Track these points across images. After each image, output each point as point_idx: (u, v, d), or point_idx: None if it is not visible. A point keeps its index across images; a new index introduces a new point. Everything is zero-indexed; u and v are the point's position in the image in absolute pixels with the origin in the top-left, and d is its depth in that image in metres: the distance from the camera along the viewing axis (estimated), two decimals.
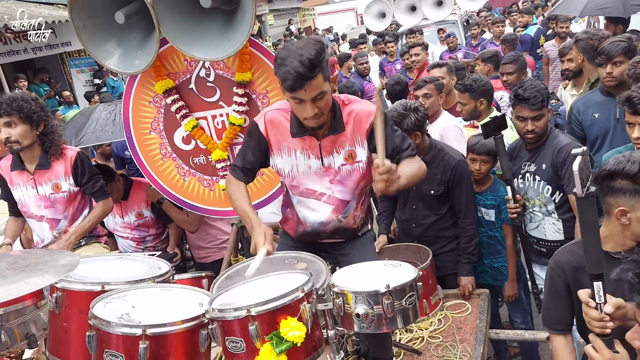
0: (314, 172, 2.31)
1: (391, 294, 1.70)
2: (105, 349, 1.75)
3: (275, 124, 2.29)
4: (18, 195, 3.08)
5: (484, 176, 3.23)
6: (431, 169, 3.07)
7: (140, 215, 3.78)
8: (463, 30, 10.62)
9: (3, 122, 2.84)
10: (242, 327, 1.69)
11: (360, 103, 2.32)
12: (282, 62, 2.00)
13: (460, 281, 3.15)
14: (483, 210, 3.24)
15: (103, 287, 2.00)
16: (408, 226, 3.27)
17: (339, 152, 2.28)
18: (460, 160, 3.07)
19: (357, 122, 2.25)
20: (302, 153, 2.29)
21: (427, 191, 3.09)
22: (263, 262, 2.33)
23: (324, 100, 2.09)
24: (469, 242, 3.10)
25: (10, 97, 2.88)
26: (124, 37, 2.97)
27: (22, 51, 10.39)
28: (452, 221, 3.16)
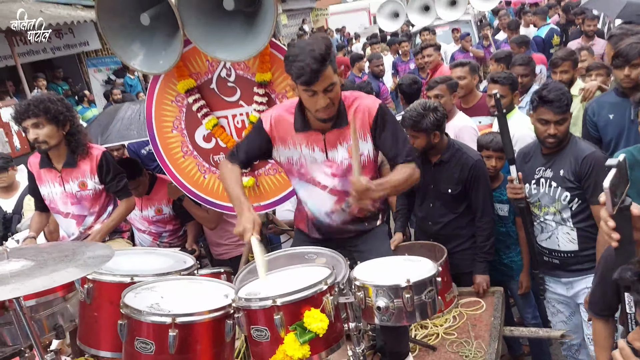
0: (318, 164, 2.41)
1: (411, 288, 1.76)
2: (137, 336, 1.83)
3: (280, 122, 2.41)
4: (46, 191, 3.17)
5: (497, 173, 3.28)
6: (449, 168, 3.13)
7: (159, 211, 3.86)
8: (477, 30, 10.62)
9: (31, 123, 2.93)
10: (267, 316, 1.76)
11: (364, 98, 2.42)
12: (295, 58, 2.14)
13: (475, 279, 3.19)
14: (497, 206, 3.28)
15: (132, 279, 2.10)
16: (425, 224, 3.32)
17: (343, 146, 2.37)
18: (478, 160, 3.12)
19: (361, 116, 2.34)
20: (308, 147, 2.39)
21: (445, 190, 3.14)
22: (284, 257, 2.41)
23: (334, 92, 2.22)
24: (486, 240, 3.14)
25: (37, 99, 2.97)
26: (148, 38, 3.05)
27: (41, 51, 10.59)
28: (469, 220, 3.20)
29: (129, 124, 3.79)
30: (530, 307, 3.44)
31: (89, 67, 12.12)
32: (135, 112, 3.87)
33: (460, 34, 8.99)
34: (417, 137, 3.08)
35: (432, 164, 3.18)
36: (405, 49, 9.05)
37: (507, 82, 3.66)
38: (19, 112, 2.94)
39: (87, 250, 1.94)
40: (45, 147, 3.00)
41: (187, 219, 3.88)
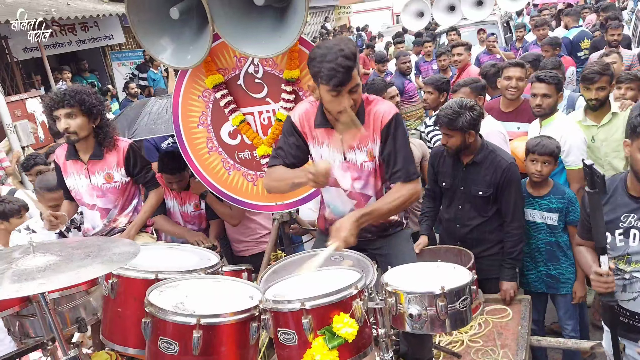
0: (337, 165, 2.38)
1: (446, 296, 1.70)
2: (160, 336, 1.79)
3: (304, 117, 2.39)
4: (71, 183, 3.18)
5: (544, 178, 3.14)
6: (481, 170, 3.05)
7: (197, 206, 3.85)
8: (502, 31, 10.43)
9: (64, 113, 2.93)
10: (295, 319, 1.72)
11: (382, 103, 2.38)
12: (324, 58, 2.10)
13: (502, 285, 3.11)
14: (546, 215, 3.16)
15: (157, 276, 2.06)
16: (452, 226, 3.24)
17: (361, 150, 2.34)
18: (511, 163, 3.03)
19: (375, 120, 2.32)
20: (328, 145, 2.37)
21: (476, 192, 3.06)
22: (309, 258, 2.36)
23: (357, 93, 2.20)
24: (514, 246, 3.06)
25: (73, 90, 2.98)
26: (177, 33, 3.03)
27: (67, 43, 10.71)
28: (497, 224, 3.12)
29: (156, 119, 3.78)
30: (573, 319, 3.32)
31: (112, 61, 12.24)
32: (163, 107, 3.85)
33: (487, 34, 8.84)
34: (452, 136, 3.00)
35: (464, 165, 3.10)
36: (429, 49, 8.94)
37: (554, 81, 3.50)
38: (53, 100, 2.95)
39: (112, 247, 1.92)
40: (75, 138, 3.00)
41: (212, 216, 3.86)
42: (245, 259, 4.00)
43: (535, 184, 3.14)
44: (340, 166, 2.38)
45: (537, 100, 3.52)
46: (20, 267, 1.75)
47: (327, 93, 2.16)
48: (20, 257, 1.81)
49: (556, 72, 3.71)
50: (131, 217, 3.23)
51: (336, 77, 2.07)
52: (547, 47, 6.38)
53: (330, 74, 2.08)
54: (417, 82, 8.34)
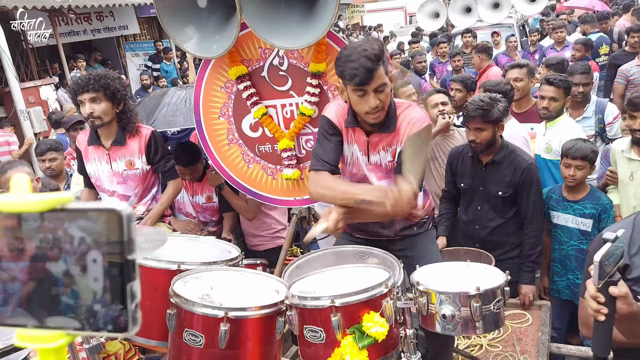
0: (362, 166, 2.37)
1: (481, 296, 1.66)
2: (186, 328, 1.76)
3: (339, 115, 2.37)
4: (92, 169, 3.15)
5: (578, 183, 3.08)
6: (501, 170, 3.01)
7: (209, 198, 3.82)
8: (519, 34, 10.34)
9: (89, 97, 2.91)
10: (323, 317, 1.68)
11: (416, 110, 2.35)
12: (349, 58, 2.11)
13: (520, 289, 3.06)
14: (580, 220, 3.10)
15: (179, 267, 2.02)
16: (471, 228, 3.19)
17: (386, 151, 2.32)
18: (531, 164, 3.00)
19: (409, 125, 2.29)
20: (354, 145, 2.36)
21: (495, 192, 3.02)
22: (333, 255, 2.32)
23: (384, 93, 2.17)
24: (533, 249, 3.00)
25: (98, 75, 2.95)
26: (203, 22, 2.98)
27: (82, 32, 10.71)
28: (517, 227, 3.07)
29: (175, 110, 3.74)
30: None
31: (126, 51, 12.23)
32: (181, 99, 3.81)
33: (506, 37, 8.77)
34: (484, 130, 2.94)
35: (484, 165, 3.05)
36: (444, 50, 8.88)
37: (563, 85, 3.49)
38: (79, 84, 2.91)
39: (139, 234, 1.87)
40: (99, 122, 2.97)
41: (226, 208, 3.83)
42: (259, 253, 3.95)
43: (571, 188, 3.08)
44: (366, 167, 2.37)
45: (545, 103, 3.54)
46: None
47: (352, 93, 2.17)
48: None
49: (566, 77, 3.67)
50: (149, 205, 3.20)
51: (358, 77, 2.08)
52: (579, 46, 6.34)
53: (352, 72, 2.09)
54: (431, 83, 8.29)
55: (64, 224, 0.56)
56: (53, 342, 0.60)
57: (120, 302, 0.56)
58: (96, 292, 0.56)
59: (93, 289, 0.56)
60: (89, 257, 0.56)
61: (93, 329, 0.58)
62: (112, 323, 0.57)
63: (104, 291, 0.56)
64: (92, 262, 0.56)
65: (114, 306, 0.56)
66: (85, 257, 0.56)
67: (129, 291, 0.57)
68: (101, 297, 0.56)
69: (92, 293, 0.56)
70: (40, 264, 0.58)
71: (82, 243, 0.56)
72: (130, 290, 0.57)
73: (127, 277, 0.56)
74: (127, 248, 0.56)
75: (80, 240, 0.56)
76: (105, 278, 0.56)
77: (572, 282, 3.19)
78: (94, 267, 0.56)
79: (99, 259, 0.56)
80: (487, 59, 6.77)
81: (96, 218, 0.56)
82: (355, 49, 2.11)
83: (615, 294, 1.36)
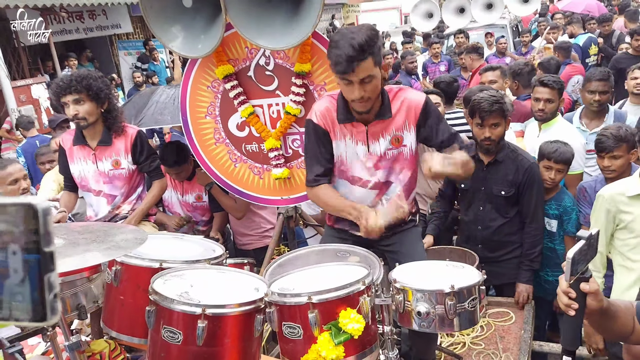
0: (360, 158, 2.37)
1: (455, 294, 1.68)
2: (164, 325, 1.77)
3: (324, 114, 2.37)
4: (77, 169, 3.15)
5: (555, 185, 3.11)
6: (502, 169, 3.01)
7: (199, 198, 3.83)
8: (512, 35, 10.39)
9: (72, 99, 2.92)
10: (301, 313, 1.70)
11: (411, 92, 2.38)
12: (335, 45, 2.10)
13: (517, 287, 3.07)
14: (545, 220, 3.13)
15: (161, 265, 2.04)
16: (473, 228, 3.17)
17: (385, 138, 2.33)
18: (533, 163, 3.00)
19: (408, 109, 2.31)
20: (351, 139, 2.35)
21: (498, 192, 3.01)
22: (315, 253, 2.34)
23: (371, 84, 2.15)
24: (533, 248, 3.02)
25: (80, 75, 2.96)
26: (188, 21, 3.00)
27: (74, 31, 10.67)
28: (519, 227, 3.07)
29: (163, 108, 3.75)
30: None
31: (119, 50, 12.19)
32: (170, 97, 3.82)
33: (496, 38, 8.82)
34: (499, 125, 2.92)
35: (485, 165, 3.04)
36: (436, 51, 8.91)
37: (557, 86, 3.49)
38: (61, 87, 2.93)
39: (119, 232, 1.89)
40: (84, 123, 2.99)
41: (216, 208, 3.84)
42: (248, 252, 3.97)
43: (545, 189, 3.11)
44: (364, 159, 2.36)
45: (540, 105, 3.51)
46: None
47: (339, 80, 2.18)
48: None
49: (558, 77, 3.68)
50: (134, 205, 3.21)
51: (340, 65, 2.07)
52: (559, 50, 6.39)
53: (335, 60, 2.08)
54: (423, 84, 8.33)
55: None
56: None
57: (38, 293, 0.59)
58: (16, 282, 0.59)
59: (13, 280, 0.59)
60: (9, 249, 0.59)
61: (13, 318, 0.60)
62: (32, 312, 0.60)
63: (23, 282, 0.59)
64: (12, 254, 0.59)
65: (33, 296, 0.59)
66: (7, 250, 0.59)
67: (47, 282, 0.59)
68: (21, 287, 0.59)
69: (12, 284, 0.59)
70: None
71: (2, 236, 0.59)
72: (48, 281, 0.59)
73: (45, 268, 0.59)
74: (43, 240, 0.58)
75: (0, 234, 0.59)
76: (24, 269, 0.59)
77: (542, 279, 3.23)
78: (13, 259, 0.59)
79: (18, 252, 0.58)
80: (479, 58, 6.80)
81: (14, 212, 0.58)
82: (344, 36, 2.09)
83: (586, 290, 1.40)
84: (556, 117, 3.57)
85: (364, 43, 2.05)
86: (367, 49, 2.06)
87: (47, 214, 0.58)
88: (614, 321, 1.50)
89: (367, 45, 2.05)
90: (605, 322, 1.50)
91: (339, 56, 2.06)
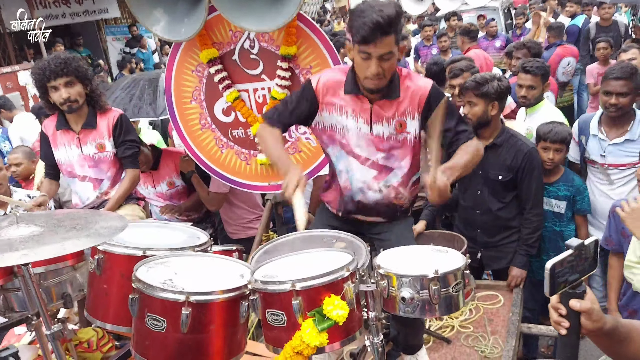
0: (362, 136, 2.31)
1: (439, 279, 1.67)
2: (148, 312, 1.75)
3: (329, 83, 2.30)
4: (61, 155, 3.11)
5: (555, 166, 3.10)
6: (501, 154, 2.99)
7: (171, 184, 3.80)
8: (503, 17, 10.34)
9: (64, 82, 2.89)
10: (285, 300, 1.68)
11: (419, 79, 2.32)
12: (361, 14, 2.03)
13: (511, 271, 3.07)
14: (553, 202, 3.12)
15: (144, 252, 2.01)
16: (471, 213, 3.15)
17: (389, 122, 2.27)
18: (533, 148, 2.98)
19: (412, 96, 2.25)
20: (353, 115, 2.28)
21: (495, 176, 2.99)
22: (301, 240, 2.32)
23: (389, 62, 2.10)
24: (532, 233, 3.01)
25: (68, 58, 2.92)
26: (171, 4, 2.95)
27: (60, 16, 10.50)
28: (517, 211, 3.05)
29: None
30: None
31: (107, 35, 12.03)
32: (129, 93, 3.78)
33: (485, 20, 8.77)
34: (475, 105, 2.92)
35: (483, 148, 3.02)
36: (429, 34, 8.85)
37: (540, 72, 3.48)
38: (50, 70, 2.87)
39: (100, 220, 1.86)
40: (76, 105, 2.97)
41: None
42: (234, 241, 3.96)
43: (547, 171, 3.09)
44: (365, 137, 2.31)
45: (523, 92, 3.52)
46: (2, 238, 1.70)
47: (357, 54, 2.10)
48: (3, 228, 1.76)
49: (542, 62, 3.63)
50: None
51: (365, 33, 2.00)
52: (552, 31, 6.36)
53: (360, 28, 2.01)
54: (415, 67, 8.28)
55: None
56: None
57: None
58: None
59: None
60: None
61: None
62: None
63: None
64: None
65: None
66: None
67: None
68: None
69: None
70: None
71: None
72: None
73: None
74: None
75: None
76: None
77: (545, 263, 3.22)
78: None
79: None
80: (470, 41, 6.77)
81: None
82: (371, 6, 2.03)
83: (576, 308, 1.21)
84: (542, 102, 3.56)
85: (393, 17, 2.00)
86: (393, 24, 2.02)
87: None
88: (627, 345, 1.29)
89: (394, 20, 2.01)
90: (614, 346, 1.30)
91: (364, 24, 1.99)
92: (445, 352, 2.76)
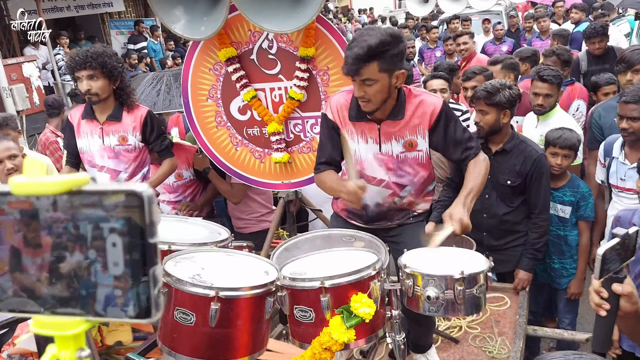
0: (372, 157, 2.37)
1: (464, 280, 1.72)
2: (177, 306, 1.79)
3: (339, 108, 2.38)
4: (84, 143, 3.16)
5: (563, 171, 3.16)
6: (510, 159, 3.03)
7: (180, 176, 3.82)
8: (507, 21, 10.39)
9: (86, 75, 2.93)
10: (313, 297, 1.73)
11: (428, 95, 2.37)
12: (350, 43, 2.13)
13: (517, 274, 3.12)
14: (558, 207, 3.17)
15: (170, 247, 2.06)
16: (478, 217, 3.13)
17: (398, 141, 2.33)
18: (542, 155, 3.03)
19: (422, 113, 2.30)
20: (362, 137, 2.35)
21: (504, 181, 3.03)
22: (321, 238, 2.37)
23: (372, 88, 2.15)
24: (539, 238, 3.05)
25: (96, 52, 2.96)
26: (191, 3, 2.98)
27: (65, 8, 10.49)
28: (524, 215, 3.10)
29: None
30: (571, 313, 3.37)
31: (111, 29, 12.02)
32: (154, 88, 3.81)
33: (492, 24, 8.80)
34: (487, 113, 2.96)
35: (493, 153, 3.05)
36: (434, 36, 8.89)
37: (556, 80, 3.48)
38: (76, 61, 2.93)
39: None
40: (96, 99, 3.00)
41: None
42: (245, 236, 3.98)
43: (554, 176, 3.15)
44: (376, 157, 2.37)
45: (539, 100, 3.51)
46: None
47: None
48: None
49: (557, 70, 3.60)
50: None
51: (345, 65, 2.12)
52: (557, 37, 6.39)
53: (345, 59, 2.13)
54: (420, 69, 8.31)
55: (82, 207, 0.54)
56: (71, 329, 0.57)
57: (142, 288, 0.54)
58: (116, 277, 0.54)
59: (113, 274, 0.54)
60: (108, 241, 0.53)
61: (112, 315, 0.55)
62: (134, 309, 0.54)
63: (124, 276, 0.53)
64: (111, 246, 0.53)
65: (135, 292, 0.53)
66: (105, 241, 0.53)
67: (152, 276, 0.54)
68: (121, 282, 0.53)
69: (112, 278, 0.54)
70: (57, 249, 0.55)
71: (100, 226, 0.53)
72: (152, 274, 0.54)
73: (149, 261, 0.53)
74: (148, 231, 0.53)
75: (98, 223, 0.53)
76: (125, 263, 0.53)
77: (548, 266, 3.28)
78: (113, 251, 0.53)
79: (118, 243, 0.53)
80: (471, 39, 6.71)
81: (115, 200, 0.53)
82: (360, 36, 2.12)
83: (618, 292, 1.33)
84: (555, 108, 3.59)
85: (374, 46, 2.05)
86: (375, 52, 2.06)
87: (151, 202, 0.53)
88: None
89: (375, 49, 2.06)
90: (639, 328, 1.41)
91: (347, 57, 2.11)
92: (454, 351, 2.81)
